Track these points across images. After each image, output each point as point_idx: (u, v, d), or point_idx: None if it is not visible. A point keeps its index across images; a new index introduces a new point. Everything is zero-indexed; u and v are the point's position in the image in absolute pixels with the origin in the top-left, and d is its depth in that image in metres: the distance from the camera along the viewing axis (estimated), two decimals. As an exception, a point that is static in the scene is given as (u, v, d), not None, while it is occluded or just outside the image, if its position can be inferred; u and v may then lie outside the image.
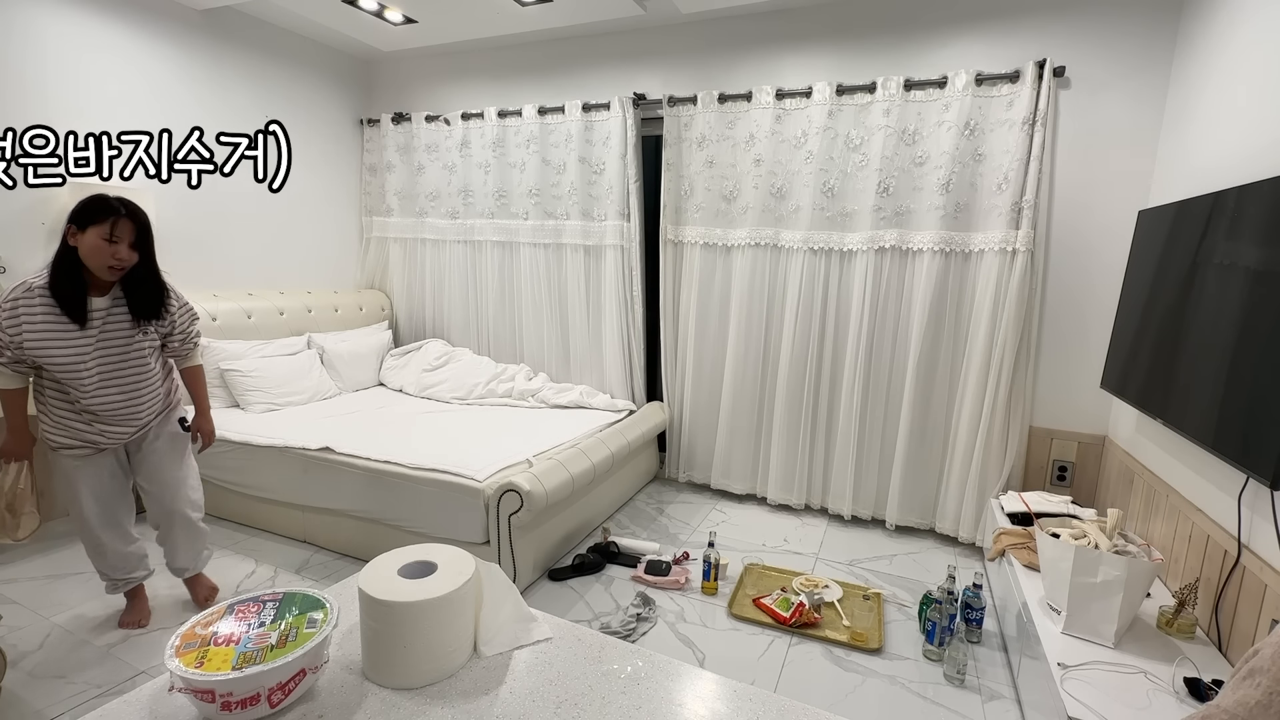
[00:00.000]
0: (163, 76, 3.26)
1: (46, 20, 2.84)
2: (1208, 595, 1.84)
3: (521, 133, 3.79)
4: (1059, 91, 2.75)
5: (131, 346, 1.95)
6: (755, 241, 3.32)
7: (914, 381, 3.05)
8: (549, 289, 3.89)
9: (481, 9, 3.31)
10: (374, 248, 4.44)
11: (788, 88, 3.15)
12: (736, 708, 0.89)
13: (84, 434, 1.95)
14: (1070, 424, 2.93)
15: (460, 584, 0.94)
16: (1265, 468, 1.48)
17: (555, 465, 2.64)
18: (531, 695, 0.91)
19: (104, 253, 1.78)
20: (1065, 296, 2.86)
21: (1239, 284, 1.71)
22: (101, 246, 1.77)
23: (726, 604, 2.46)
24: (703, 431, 3.65)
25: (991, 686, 2.06)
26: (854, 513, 3.28)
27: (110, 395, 1.93)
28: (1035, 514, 2.43)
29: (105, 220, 1.76)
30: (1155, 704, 1.54)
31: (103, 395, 1.92)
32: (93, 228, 1.76)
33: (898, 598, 2.57)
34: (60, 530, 2.90)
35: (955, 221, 2.91)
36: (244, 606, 0.94)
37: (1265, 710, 0.60)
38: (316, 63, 4.03)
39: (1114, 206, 2.73)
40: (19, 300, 1.78)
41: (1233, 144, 2.02)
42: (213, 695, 0.79)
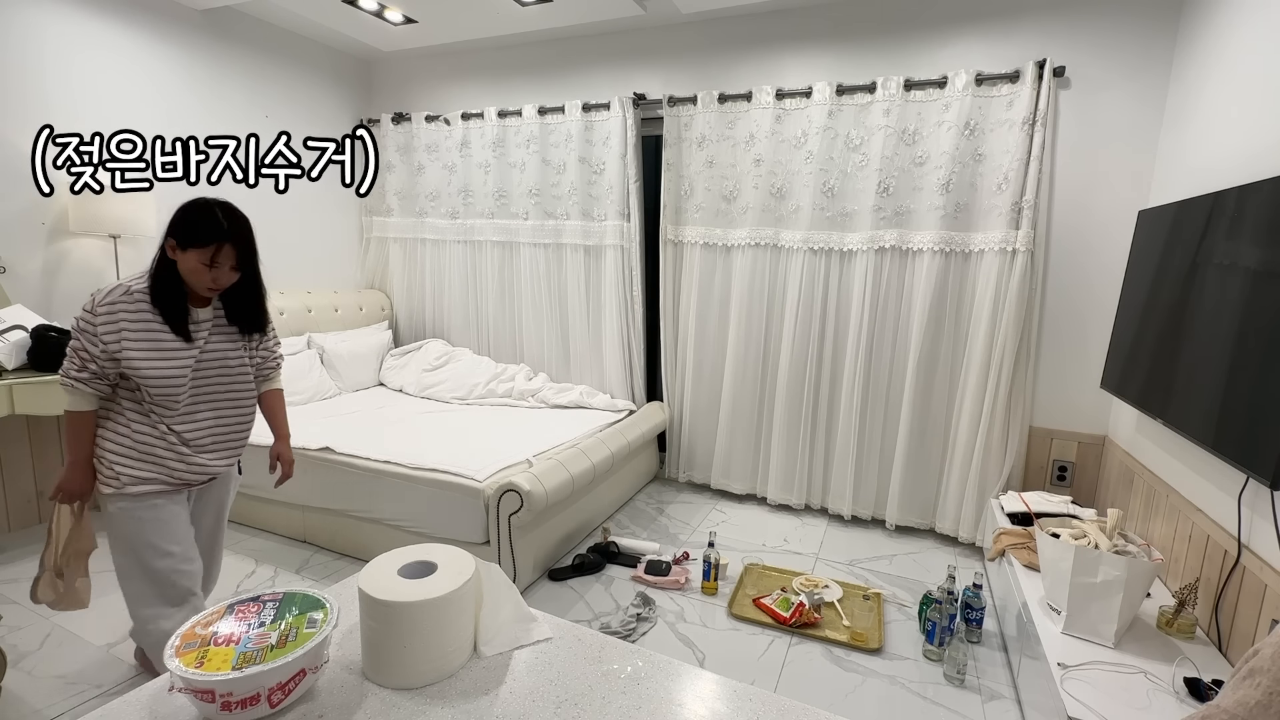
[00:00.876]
0: (163, 76, 3.26)
1: (47, 20, 2.84)
2: (1208, 595, 1.84)
3: (521, 133, 3.79)
4: (1059, 91, 2.75)
5: (232, 363, 1.72)
6: (755, 241, 3.32)
7: (914, 381, 3.05)
8: (549, 289, 3.89)
9: (481, 9, 3.31)
10: (374, 248, 4.44)
11: (788, 88, 3.15)
12: (736, 708, 0.89)
13: (169, 466, 1.64)
14: (1070, 424, 2.93)
15: (460, 584, 0.94)
16: (1265, 468, 1.48)
17: (555, 465, 2.64)
18: (531, 695, 0.91)
19: (203, 276, 1.58)
20: (1065, 296, 2.86)
21: (1239, 284, 1.71)
22: (201, 270, 1.57)
23: (726, 604, 2.46)
24: (703, 431, 3.65)
25: (991, 686, 2.06)
26: (854, 513, 3.28)
27: (204, 418, 1.69)
28: (1035, 514, 2.43)
29: (208, 246, 1.55)
30: (1155, 704, 1.54)
31: (196, 418, 1.67)
32: (194, 250, 1.54)
33: (898, 598, 2.57)
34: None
35: (955, 221, 2.91)
36: (244, 606, 0.94)
37: (1265, 710, 0.60)
38: (316, 63, 4.03)
39: (1114, 206, 2.73)
40: (119, 305, 1.54)
41: (1233, 144, 2.02)
42: (213, 695, 0.79)
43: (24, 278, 2.84)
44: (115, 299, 1.54)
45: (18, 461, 2.87)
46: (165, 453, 1.64)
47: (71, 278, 3.00)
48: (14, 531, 2.87)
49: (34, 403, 2.55)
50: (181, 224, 1.56)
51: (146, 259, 3.31)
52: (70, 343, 1.55)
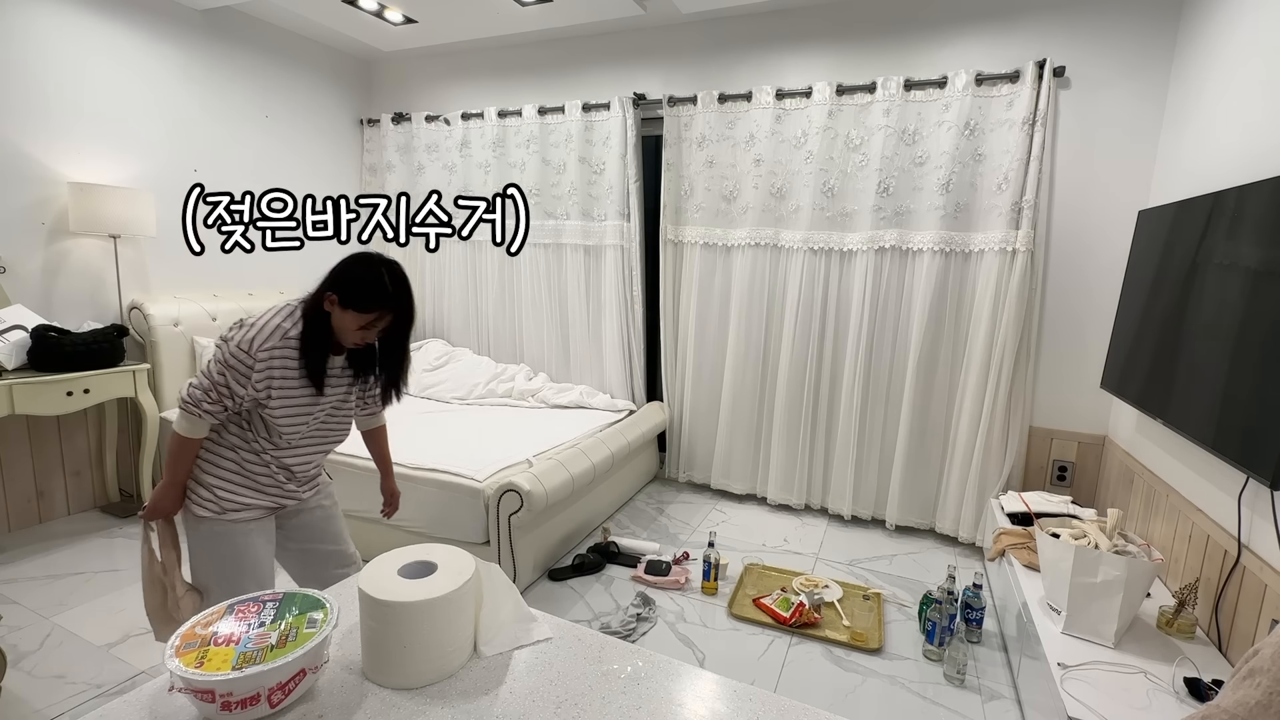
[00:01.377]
0: (162, 76, 3.26)
1: (46, 20, 2.84)
2: (1208, 595, 1.84)
3: (521, 133, 3.79)
4: (1059, 91, 2.75)
5: (343, 405, 1.68)
6: (755, 241, 3.32)
7: (914, 381, 3.05)
8: (549, 289, 3.89)
9: (481, 9, 3.31)
10: (374, 248, 4.43)
11: (788, 88, 3.15)
12: (736, 708, 0.89)
13: (269, 494, 1.64)
14: (1070, 424, 2.93)
15: (460, 584, 0.94)
16: (1265, 468, 1.48)
17: (555, 465, 2.64)
18: (531, 695, 0.91)
19: (354, 335, 1.53)
20: (1065, 296, 2.86)
21: (1239, 284, 1.71)
22: (354, 331, 1.51)
23: (726, 604, 2.46)
24: (703, 431, 3.65)
25: (991, 686, 2.06)
26: (854, 513, 3.28)
27: (310, 453, 1.68)
28: (1035, 514, 2.43)
29: (370, 312, 1.49)
30: (1155, 704, 1.54)
31: (300, 453, 1.66)
32: (354, 312, 1.48)
33: (898, 598, 2.57)
34: (59, 530, 2.91)
35: (955, 221, 2.91)
36: (244, 606, 0.94)
37: (1265, 710, 0.60)
38: (316, 63, 4.03)
39: (1114, 206, 2.73)
40: (276, 351, 1.47)
41: (1233, 144, 2.02)
42: (213, 695, 0.79)
43: (24, 278, 2.84)
44: (275, 344, 1.47)
45: (18, 461, 2.87)
46: (267, 481, 1.63)
47: (71, 278, 3.00)
48: (14, 531, 2.87)
49: (34, 403, 2.56)
50: (346, 283, 1.49)
51: (146, 258, 3.35)
52: (211, 372, 1.48)
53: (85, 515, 3.08)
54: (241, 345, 1.46)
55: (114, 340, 2.84)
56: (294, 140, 3.93)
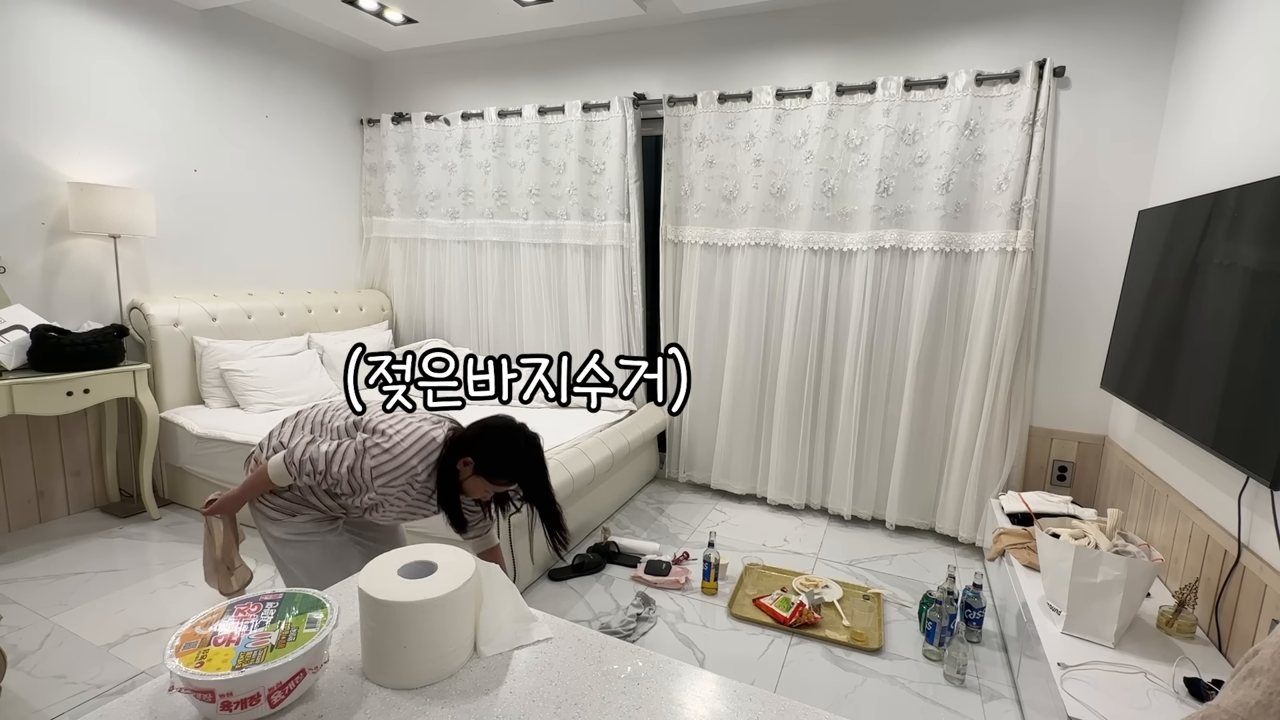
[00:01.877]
0: (162, 76, 3.26)
1: (47, 21, 2.84)
2: (1208, 595, 1.84)
3: (521, 133, 3.79)
4: (1059, 91, 2.75)
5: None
6: (755, 241, 3.32)
7: (914, 381, 3.05)
8: (549, 289, 3.88)
9: (481, 9, 3.30)
10: (374, 248, 4.44)
11: (788, 88, 3.15)
12: (736, 708, 0.89)
13: (330, 508, 1.69)
14: (1070, 424, 2.93)
15: (460, 584, 0.94)
16: (1265, 468, 1.48)
17: (555, 465, 2.64)
18: (531, 695, 0.91)
19: (483, 494, 1.56)
20: (1065, 296, 2.86)
21: (1239, 284, 1.71)
22: (483, 491, 1.55)
23: (726, 604, 2.46)
24: (703, 431, 3.65)
25: (991, 686, 2.06)
26: (854, 513, 3.28)
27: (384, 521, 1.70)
28: (1035, 514, 2.42)
29: (502, 482, 1.52)
30: (1155, 704, 1.54)
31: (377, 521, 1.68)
32: (485, 480, 1.50)
33: (898, 598, 2.57)
34: (59, 530, 2.91)
35: (955, 221, 2.91)
36: (244, 606, 0.94)
37: (1265, 710, 0.60)
38: (316, 63, 4.03)
39: (1114, 206, 2.73)
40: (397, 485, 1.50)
41: (1233, 144, 2.02)
42: (213, 695, 0.79)
43: (24, 278, 2.84)
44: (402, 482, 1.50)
45: (18, 461, 2.87)
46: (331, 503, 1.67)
47: (71, 278, 3.00)
48: (14, 531, 2.87)
49: (34, 403, 2.56)
50: (483, 452, 1.49)
51: (146, 258, 3.36)
52: (334, 458, 1.50)
53: (85, 515, 3.08)
54: (368, 471, 1.48)
55: (114, 340, 2.84)
56: (294, 140, 3.93)
